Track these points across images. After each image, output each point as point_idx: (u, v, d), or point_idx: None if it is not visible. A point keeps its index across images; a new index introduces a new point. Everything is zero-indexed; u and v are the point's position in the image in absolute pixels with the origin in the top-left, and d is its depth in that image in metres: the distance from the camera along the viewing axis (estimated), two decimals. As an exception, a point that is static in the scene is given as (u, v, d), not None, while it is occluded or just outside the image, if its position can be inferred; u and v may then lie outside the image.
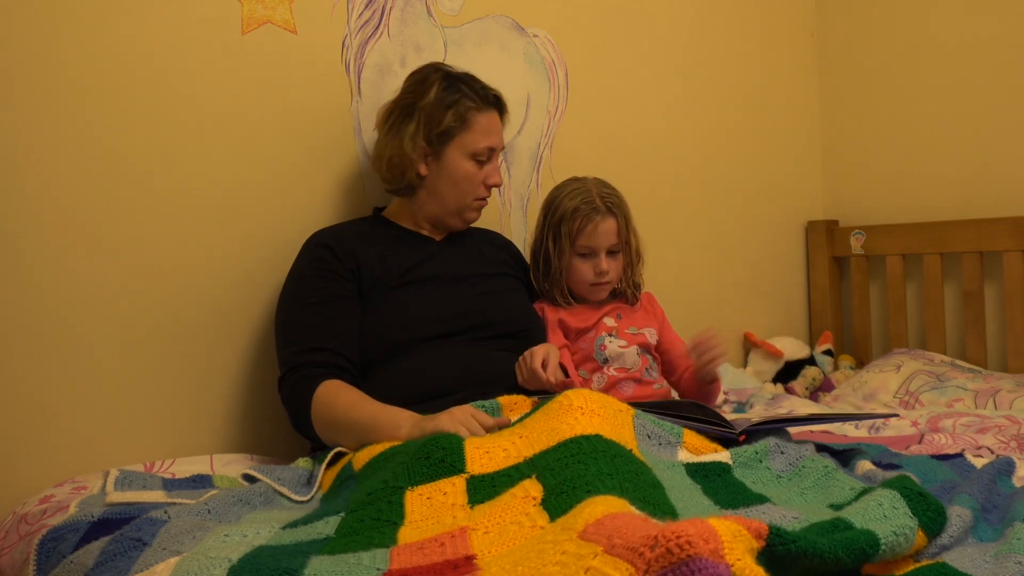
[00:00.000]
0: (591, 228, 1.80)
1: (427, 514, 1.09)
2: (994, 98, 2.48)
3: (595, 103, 2.34)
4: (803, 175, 2.86)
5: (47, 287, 1.56)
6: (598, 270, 1.81)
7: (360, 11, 1.93)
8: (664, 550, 0.73)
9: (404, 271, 1.70)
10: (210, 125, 1.73)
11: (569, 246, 1.81)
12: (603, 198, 1.82)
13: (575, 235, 1.80)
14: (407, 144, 1.71)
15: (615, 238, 1.82)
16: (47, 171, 1.56)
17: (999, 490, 1.29)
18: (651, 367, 1.84)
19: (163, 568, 1.00)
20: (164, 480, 1.43)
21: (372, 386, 1.56)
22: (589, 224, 1.79)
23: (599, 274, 1.81)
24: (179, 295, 1.69)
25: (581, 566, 0.77)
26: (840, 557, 0.89)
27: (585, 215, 1.80)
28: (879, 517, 1.00)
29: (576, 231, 1.80)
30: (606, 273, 1.82)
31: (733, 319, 2.67)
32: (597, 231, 1.80)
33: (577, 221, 1.80)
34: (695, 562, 0.72)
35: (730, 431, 1.38)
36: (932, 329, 2.53)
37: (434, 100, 1.71)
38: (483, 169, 1.76)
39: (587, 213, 1.80)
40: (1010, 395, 2.09)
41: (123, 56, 1.63)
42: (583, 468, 1.04)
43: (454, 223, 1.81)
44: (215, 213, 1.74)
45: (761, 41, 2.74)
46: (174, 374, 1.69)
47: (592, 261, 1.82)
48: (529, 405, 1.45)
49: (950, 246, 2.49)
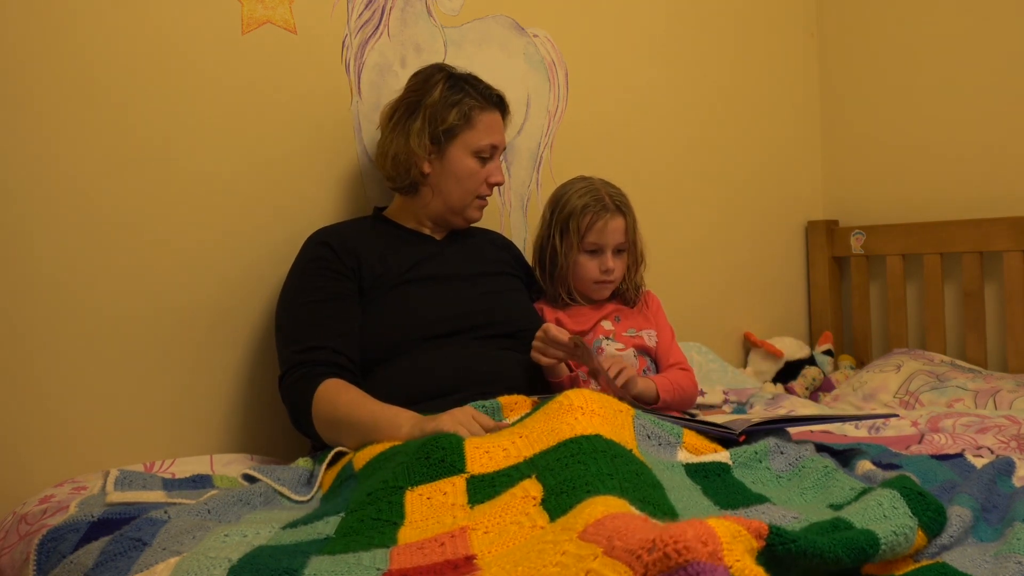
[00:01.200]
0: (601, 225, 1.81)
1: (427, 514, 1.09)
2: (994, 98, 2.48)
3: (595, 103, 2.34)
4: (803, 175, 2.86)
5: (47, 287, 1.56)
6: (604, 268, 1.82)
7: (360, 11, 1.93)
8: (661, 554, 0.73)
9: (405, 270, 1.70)
10: (210, 125, 1.73)
11: (577, 242, 1.82)
12: (612, 197, 1.84)
13: (584, 231, 1.81)
14: (413, 141, 1.72)
15: (623, 237, 1.83)
16: (47, 171, 1.56)
17: (999, 490, 1.29)
18: (648, 369, 1.84)
19: (163, 568, 1.00)
20: (164, 480, 1.43)
21: (372, 385, 1.56)
22: (599, 221, 1.81)
23: (605, 272, 1.82)
24: (179, 294, 1.69)
25: (581, 568, 0.77)
26: (840, 557, 0.89)
27: (595, 212, 1.81)
28: (879, 517, 1.00)
29: (585, 228, 1.81)
30: (612, 271, 1.83)
31: (733, 319, 2.67)
32: (607, 229, 1.81)
33: (587, 218, 1.81)
34: (692, 567, 0.71)
35: (730, 432, 1.38)
36: (932, 329, 2.53)
37: (439, 99, 1.72)
38: (485, 167, 1.77)
39: (597, 211, 1.81)
40: (1010, 395, 2.09)
41: (123, 56, 1.63)
42: (583, 468, 1.04)
43: (456, 221, 1.81)
44: (215, 213, 1.74)
45: (761, 41, 2.74)
46: (174, 374, 1.69)
47: (599, 259, 1.83)
48: (529, 405, 1.45)
49: (950, 246, 2.49)
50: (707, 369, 2.37)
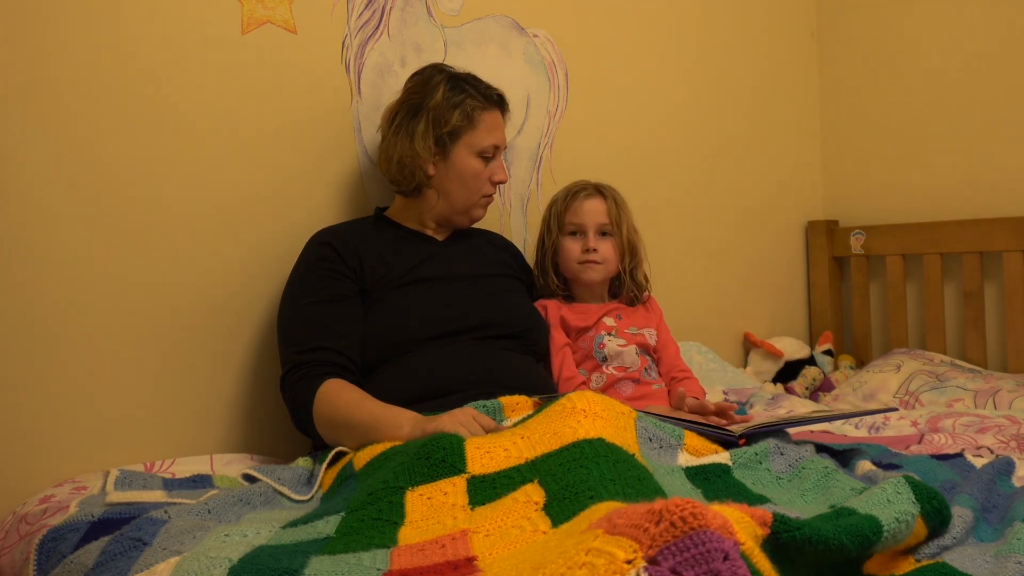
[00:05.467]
0: (577, 205, 1.87)
1: (427, 514, 1.09)
2: (994, 98, 2.48)
3: (595, 103, 2.34)
4: (803, 175, 2.86)
5: (47, 287, 1.56)
6: (585, 247, 1.84)
7: (360, 11, 1.93)
8: (668, 524, 0.70)
9: (406, 271, 1.70)
10: (210, 125, 1.73)
11: (557, 227, 1.89)
12: (595, 184, 1.91)
13: (563, 213, 1.89)
14: (417, 144, 1.71)
15: (605, 218, 1.86)
16: (47, 172, 1.56)
17: (999, 490, 1.29)
18: (650, 367, 1.84)
19: (163, 568, 1.00)
20: (164, 480, 1.43)
21: (373, 385, 1.56)
22: (575, 201, 1.88)
23: (586, 251, 1.83)
24: (179, 294, 1.69)
25: (582, 548, 0.75)
26: (844, 544, 0.88)
27: (573, 194, 1.89)
28: (882, 502, 1.00)
29: (564, 209, 1.89)
30: (594, 251, 1.83)
31: (733, 319, 2.67)
32: (583, 208, 1.87)
33: (567, 200, 1.89)
34: (700, 535, 0.68)
35: (729, 434, 1.38)
36: (932, 329, 2.53)
37: (441, 100, 1.72)
38: (489, 166, 1.77)
39: (575, 192, 1.89)
40: (1010, 395, 2.09)
41: (123, 56, 1.63)
42: (585, 473, 1.04)
43: (461, 221, 1.81)
44: (215, 212, 1.74)
45: (761, 41, 2.74)
46: (174, 374, 1.69)
47: (582, 240, 1.85)
48: (531, 406, 1.45)
49: (950, 246, 2.49)
50: (707, 369, 2.37)
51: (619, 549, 0.71)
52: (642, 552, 0.70)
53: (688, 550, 0.68)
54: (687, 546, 0.69)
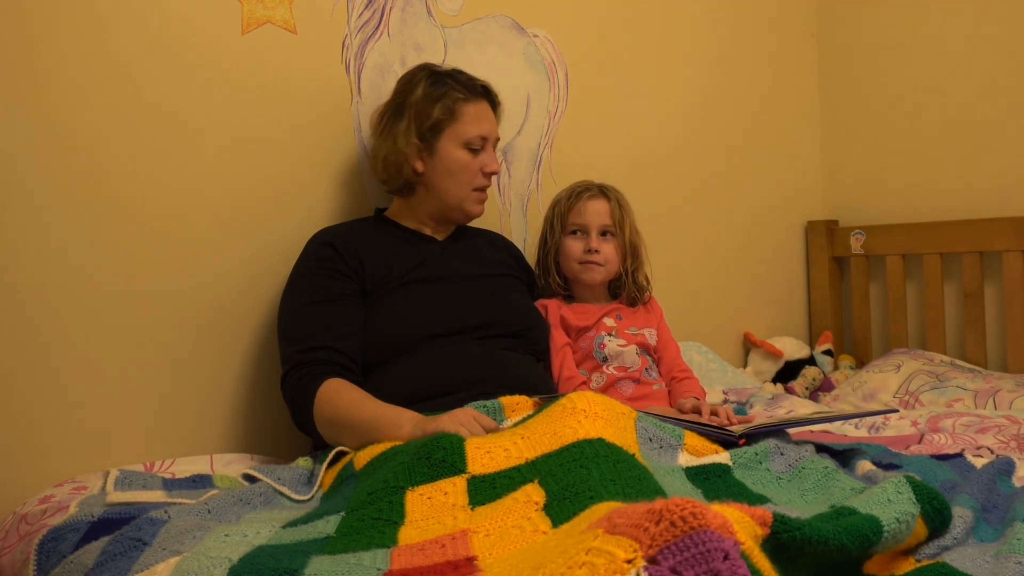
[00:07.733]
0: (581, 205, 1.87)
1: (427, 514, 1.09)
2: (994, 98, 2.48)
3: (595, 103, 2.34)
4: (803, 175, 2.86)
5: (47, 286, 1.56)
6: (587, 247, 1.84)
7: (360, 11, 1.93)
8: (668, 523, 0.70)
9: (407, 271, 1.70)
10: (210, 125, 1.73)
11: (560, 227, 1.89)
12: (598, 184, 1.90)
13: (566, 213, 1.88)
14: (400, 141, 1.72)
15: (607, 219, 1.86)
16: (48, 171, 1.56)
17: (999, 490, 1.29)
18: (651, 367, 1.84)
19: (163, 568, 1.00)
20: (164, 480, 1.43)
21: (374, 385, 1.56)
22: (579, 201, 1.87)
23: (588, 251, 1.83)
24: (179, 294, 1.69)
25: (582, 548, 0.75)
26: (844, 544, 0.88)
27: (576, 194, 1.89)
28: (883, 502, 1.00)
29: (567, 209, 1.89)
30: (596, 252, 1.83)
31: (733, 319, 2.67)
32: (586, 208, 1.87)
33: (569, 200, 1.89)
34: (700, 534, 0.68)
35: (729, 435, 1.38)
36: (932, 329, 2.53)
37: (421, 96, 1.72)
38: (478, 158, 1.76)
39: (579, 192, 1.89)
40: (1010, 395, 2.09)
41: (124, 56, 1.63)
42: (585, 473, 1.04)
43: (456, 217, 1.81)
44: (215, 212, 1.74)
45: (761, 42, 2.74)
46: (174, 374, 1.69)
47: (584, 240, 1.86)
48: (531, 406, 1.45)
49: (950, 246, 2.49)
50: (707, 369, 2.37)
51: (619, 549, 0.71)
52: (642, 552, 0.70)
53: (688, 550, 0.69)
54: (687, 546, 0.69)
